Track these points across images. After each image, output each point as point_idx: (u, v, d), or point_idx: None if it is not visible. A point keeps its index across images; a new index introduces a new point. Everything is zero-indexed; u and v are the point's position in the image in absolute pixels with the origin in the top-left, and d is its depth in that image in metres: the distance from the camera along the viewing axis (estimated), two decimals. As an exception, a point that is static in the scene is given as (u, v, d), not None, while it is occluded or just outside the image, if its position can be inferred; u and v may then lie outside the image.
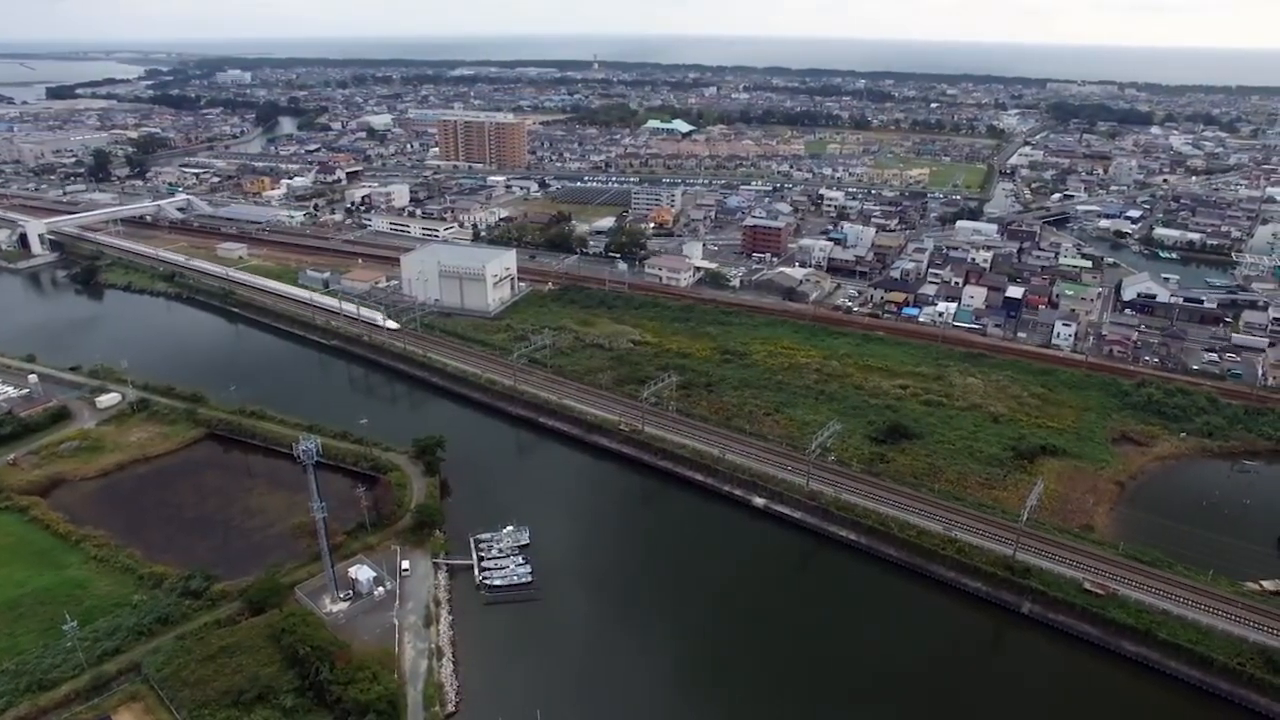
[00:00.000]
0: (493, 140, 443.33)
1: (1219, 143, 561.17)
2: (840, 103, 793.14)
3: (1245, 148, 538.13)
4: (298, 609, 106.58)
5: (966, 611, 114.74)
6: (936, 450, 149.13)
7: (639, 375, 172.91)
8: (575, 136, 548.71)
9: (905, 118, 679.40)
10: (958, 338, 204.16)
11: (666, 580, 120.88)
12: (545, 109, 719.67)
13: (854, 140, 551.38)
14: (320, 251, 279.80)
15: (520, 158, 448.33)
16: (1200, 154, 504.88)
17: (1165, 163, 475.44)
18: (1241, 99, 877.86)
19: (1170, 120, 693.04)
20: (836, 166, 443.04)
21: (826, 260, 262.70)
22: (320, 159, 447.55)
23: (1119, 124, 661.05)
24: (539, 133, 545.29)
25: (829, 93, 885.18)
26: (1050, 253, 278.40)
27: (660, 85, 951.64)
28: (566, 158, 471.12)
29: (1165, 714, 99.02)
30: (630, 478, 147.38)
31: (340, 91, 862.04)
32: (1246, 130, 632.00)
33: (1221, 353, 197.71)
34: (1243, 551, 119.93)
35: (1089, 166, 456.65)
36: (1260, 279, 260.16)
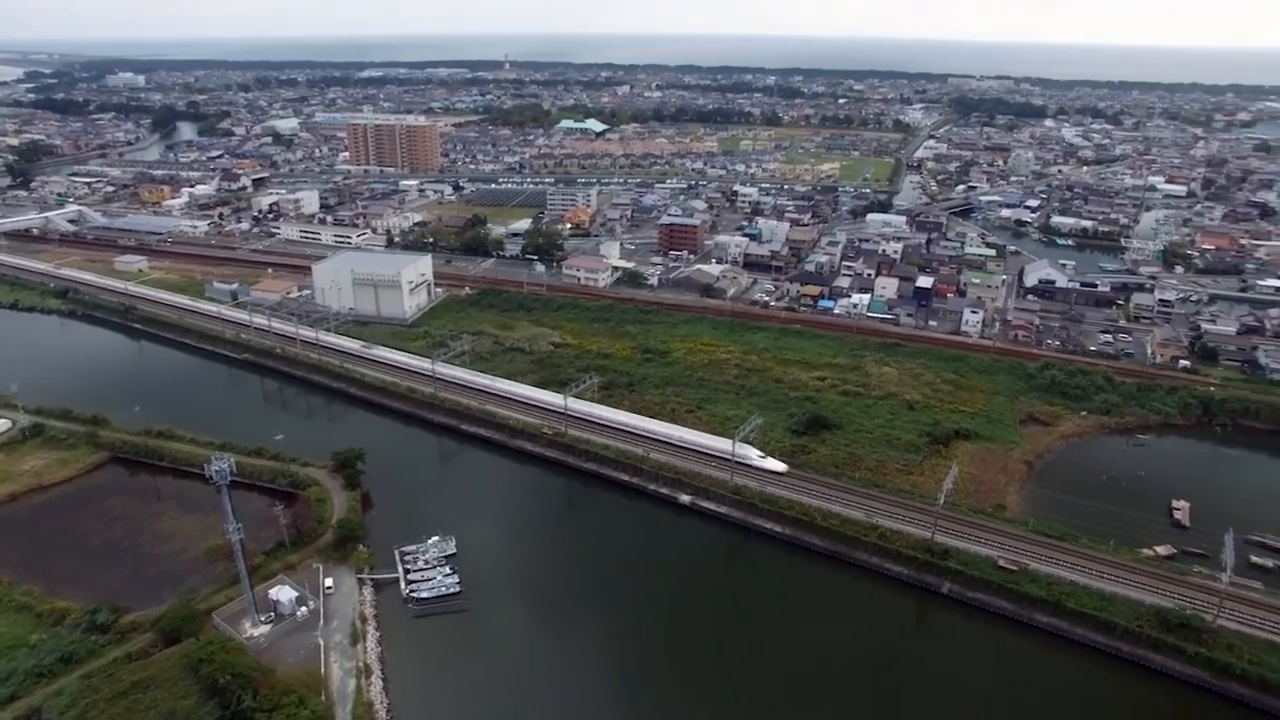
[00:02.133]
0: (404, 143, 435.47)
1: (1106, 134, 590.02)
2: (752, 99, 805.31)
3: (1129, 139, 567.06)
4: (216, 636, 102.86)
5: (890, 595, 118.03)
6: (856, 439, 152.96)
7: (560, 377, 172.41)
8: (488, 138, 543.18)
9: (815, 113, 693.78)
10: (872, 328, 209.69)
11: (597, 582, 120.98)
12: (457, 110, 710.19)
13: (766, 136, 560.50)
14: (227, 262, 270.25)
15: (433, 160, 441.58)
16: (1090, 145, 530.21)
17: (1059, 154, 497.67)
18: (1124, 93, 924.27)
19: (1062, 113, 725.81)
20: (750, 163, 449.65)
21: (743, 256, 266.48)
22: (223, 165, 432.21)
23: (1016, 117, 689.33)
24: (451, 135, 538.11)
25: (740, 90, 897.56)
26: (957, 243, 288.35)
27: (573, 84, 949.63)
28: (480, 160, 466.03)
29: (1075, 679, 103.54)
30: (556, 481, 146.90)
31: (243, 95, 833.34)
32: (1129, 123, 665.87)
33: (1115, 334, 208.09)
34: (1139, 521, 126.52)
35: (990, 158, 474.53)
36: (1147, 263, 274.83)
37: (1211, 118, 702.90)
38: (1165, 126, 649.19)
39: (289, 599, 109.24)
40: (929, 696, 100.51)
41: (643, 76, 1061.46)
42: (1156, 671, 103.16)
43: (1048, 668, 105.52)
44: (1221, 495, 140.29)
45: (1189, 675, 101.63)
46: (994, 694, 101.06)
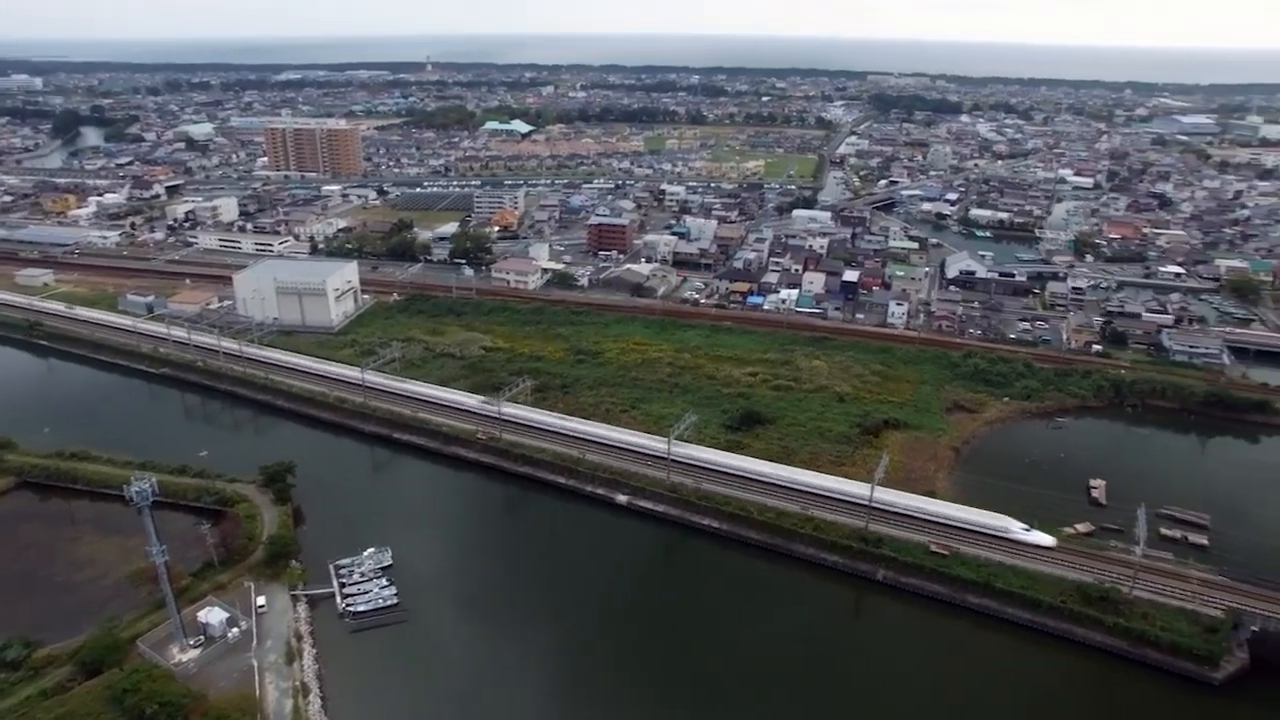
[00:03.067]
0: (325, 148, 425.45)
1: (1018, 129, 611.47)
2: (676, 98, 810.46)
3: (1039, 134, 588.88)
4: (141, 664, 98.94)
5: (827, 585, 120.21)
6: (789, 433, 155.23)
7: (493, 382, 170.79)
8: (412, 141, 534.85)
9: (739, 112, 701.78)
10: (801, 323, 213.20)
11: (537, 586, 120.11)
12: (379, 113, 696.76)
13: (691, 135, 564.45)
14: (142, 274, 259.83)
15: (356, 165, 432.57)
16: (1003, 140, 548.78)
17: (975, 148, 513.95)
18: (1033, 90, 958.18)
19: (976, 109, 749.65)
20: (676, 162, 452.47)
21: (672, 255, 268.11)
22: (134, 173, 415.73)
23: (933, 113, 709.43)
24: (374, 138, 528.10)
25: (665, 89, 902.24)
26: (880, 236, 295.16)
27: (497, 86, 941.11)
28: (404, 163, 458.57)
29: (1005, 656, 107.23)
30: (492, 486, 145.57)
31: (152, 99, 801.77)
32: (1039, 118, 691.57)
33: (1033, 321, 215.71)
34: (1060, 501, 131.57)
35: (910, 153, 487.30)
36: (1060, 252, 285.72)
37: (1113, 113, 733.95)
38: (1072, 121, 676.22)
39: (219, 620, 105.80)
40: (868, 682, 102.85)
41: (567, 76, 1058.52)
42: (1080, 643, 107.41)
43: (980, 647, 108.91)
44: (1134, 472, 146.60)
45: (1109, 645, 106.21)
46: (930, 676, 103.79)
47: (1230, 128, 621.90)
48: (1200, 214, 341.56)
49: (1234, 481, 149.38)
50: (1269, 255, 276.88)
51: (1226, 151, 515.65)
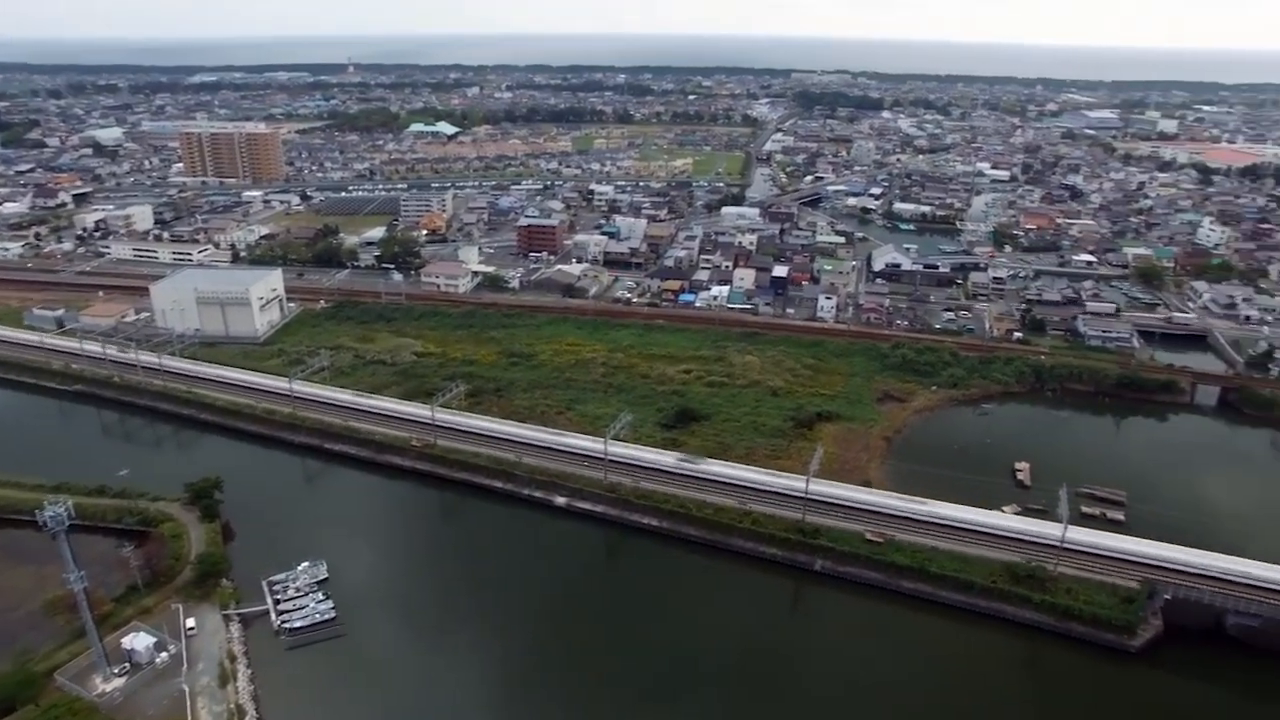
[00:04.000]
0: (245, 152, 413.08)
1: (937, 125, 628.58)
2: (603, 98, 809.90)
3: (958, 129, 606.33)
4: (61, 698, 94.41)
5: (767, 577, 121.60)
6: (724, 429, 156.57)
7: (426, 388, 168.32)
8: (335, 144, 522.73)
9: (666, 110, 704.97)
10: (733, 319, 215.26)
11: (477, 593, 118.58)
12: (300, 116, 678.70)
13: (619, 135, 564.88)
14: (49, 286, 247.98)
15: (277, 170, 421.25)
16: (924, 135, 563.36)
17: (897, 144, 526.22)
18: (950, 86, 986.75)
19: (897, 105, 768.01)
20: (604, 161, 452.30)
21: (602, 254, 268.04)
22: (36, 180, 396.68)
23: (856, 109, 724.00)
24: (295, 142, 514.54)
25: (591, 89, 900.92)
26: (808, 232, 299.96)
27: (421, 87, 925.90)
28: (328, 167, 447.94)
29: (941, 637, 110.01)
30: (428, 494, 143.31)
31: (54, 103, 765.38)
32: (957, 114, 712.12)
33: (957, 311, 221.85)
34: (988, 485, 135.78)
35: (834, 149, 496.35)
36: (980, 243, 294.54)
37: (1026, 108, 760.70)
38: (988, 116, 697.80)
39: (145, 646, 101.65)
40: (811, 670, 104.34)
41: (492, 77, 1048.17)
42: (1010, 621, 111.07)
43: (916, 630, 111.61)
44: (1056, 454, 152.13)
45: (1037, 621, 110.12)
46: (869, 661, 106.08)
47: (1132, 122, 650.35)
48: (1108, 204, 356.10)
49: (1146, 458, 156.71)
50: (1171, 243, 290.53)
51: (1129, 145, 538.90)
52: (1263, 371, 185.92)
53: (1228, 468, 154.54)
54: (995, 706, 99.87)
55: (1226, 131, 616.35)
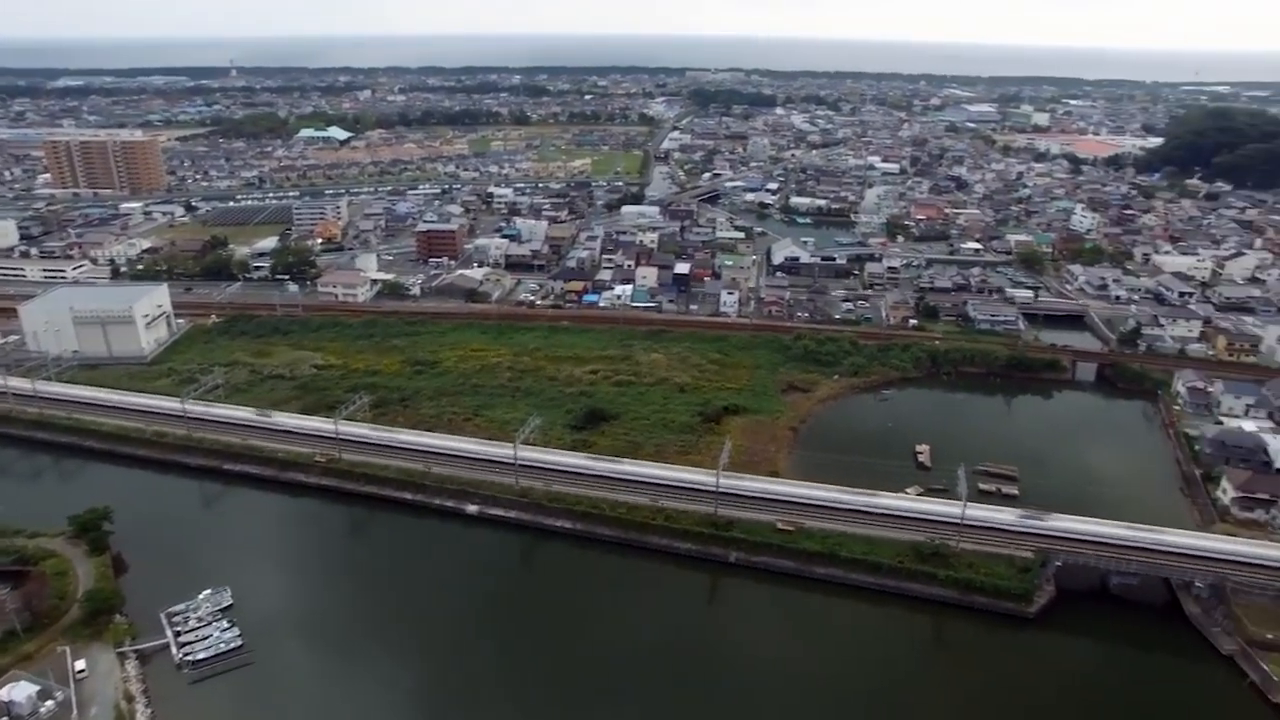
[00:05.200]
0: (121, 161, 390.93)
1: (829, 120, 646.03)
2: (499, 99, 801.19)
3: (848, 123, 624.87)
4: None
5: (683, 572, 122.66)
6: (634, 427, 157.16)
7: (328, 401, 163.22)
8: (220, 151, 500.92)
9: (563, 110, 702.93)
10: (637, 317, 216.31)
11: (391, 609, 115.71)
12: (180, 123, 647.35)
13: (516, 136, 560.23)
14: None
15: (158, 179, 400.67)
16: (816, 130, 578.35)
17: (791, 139, 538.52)
18: (840, 82, 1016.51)
19: (790, 102, 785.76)
20: (502, 163, 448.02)
21: (504, 258, 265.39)
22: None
23: (750, 106, 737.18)
24: (177, 150, 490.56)
25: (486, 90, 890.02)
26: (708, 228, 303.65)
27: (310, 91, 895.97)
28: (214, 176, 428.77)
29: (854, 618, 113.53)
30: (335, 510, 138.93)
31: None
32: (847, 109, 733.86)
33: (855, 301, 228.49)
34: (891, 468, 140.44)
35: (730, 146, 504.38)
36: (874, 234, 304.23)
37: (911, 103, 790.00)
38: (876, 111, 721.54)
39: (26, 696, 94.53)
40: (731, 661, 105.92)
41: (384, 80, 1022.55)
42: (918, 598, 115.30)
43: (830, 613, 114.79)
44: (953, 435, 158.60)
45: (943, 596, 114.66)
46: (786, 647, 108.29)
47: (1009, 116, 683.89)
48: (991, 194, 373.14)
49: (1035, 434, 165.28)
50: (1048, 229, 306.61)
51: (1007, 137, 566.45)
52: (1133, 347, 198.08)
53: (1106, 438, 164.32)
54: (908, 681, 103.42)
55: (1091, 124, 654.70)
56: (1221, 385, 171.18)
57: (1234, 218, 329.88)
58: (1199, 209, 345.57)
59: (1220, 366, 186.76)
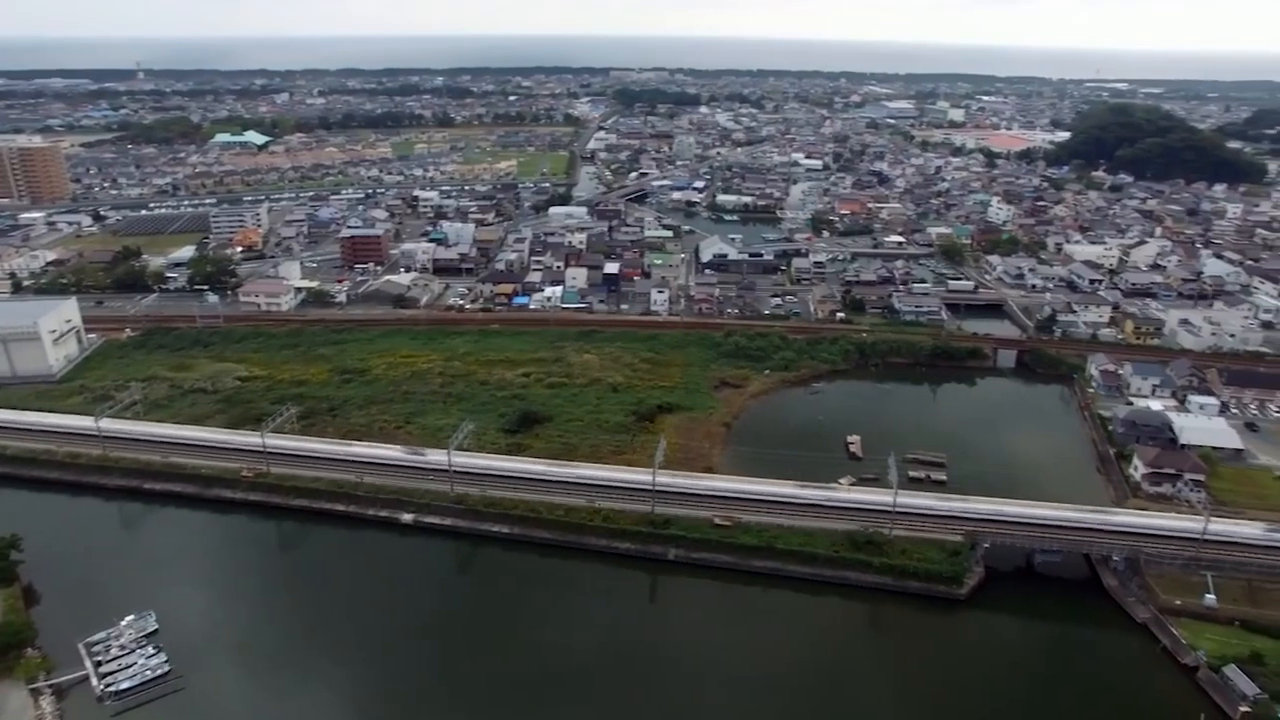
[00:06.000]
0: (19, 169, 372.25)
1: (752, 118, 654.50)
2: (421, 101, 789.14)
3: (772, 121, 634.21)
4: None
5: (623, 572, 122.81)
6: (568, 429, 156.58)
7: (254, 414, 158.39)
8: (130, 158, 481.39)
9: (487, 112, 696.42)
10: (568, 319, 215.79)
11: (326, 624, 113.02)
12: (84, 128, 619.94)
13: (440, 138, 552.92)
14: None
15: (61, 188, 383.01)
16: (740, 128, 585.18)
17: (716, 137, 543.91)
18: (763, 80, 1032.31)
19: (714, 100, 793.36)
20: (427, 166, 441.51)
21: (431, 262, 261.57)
22: None
23: (675, 105, 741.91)
24: (82, 156, 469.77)
25: (408, 92, 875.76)
26: (636, 228, 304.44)
27: (224, 94, 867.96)
28: (123, 184, 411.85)
29: (793, 609, 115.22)
30: (264, 526, 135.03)
31: None
32: (770, 107, 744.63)
33: (783, 296, 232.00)
34: (824, 460, 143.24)
35: (656, 145, 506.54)
36: (800, 230, 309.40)
37: (832, 100, 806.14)
38: (799, 109, 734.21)
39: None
40: (673, 658, 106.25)
41: (302, 82, 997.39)
42: (855, 586, 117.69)
43: (770, 605, 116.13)
44: (883, 425, 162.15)
45: (878, 583, 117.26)
46: (728, 641, 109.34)
47: (926, 112, 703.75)
48: (911, 188, 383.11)
49: (961, 421, 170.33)
50: (967, 221, 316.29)
51: (925, 133, 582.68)
52: (1049, 333, 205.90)
53: (1027, 422, 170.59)
54: (848, 667, 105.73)
55: (1004, 119, 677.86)
56: (1130, 367, 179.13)
57: (1136, 208, 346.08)
58: (1104, 200, 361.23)
59: (1129, 350, 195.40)
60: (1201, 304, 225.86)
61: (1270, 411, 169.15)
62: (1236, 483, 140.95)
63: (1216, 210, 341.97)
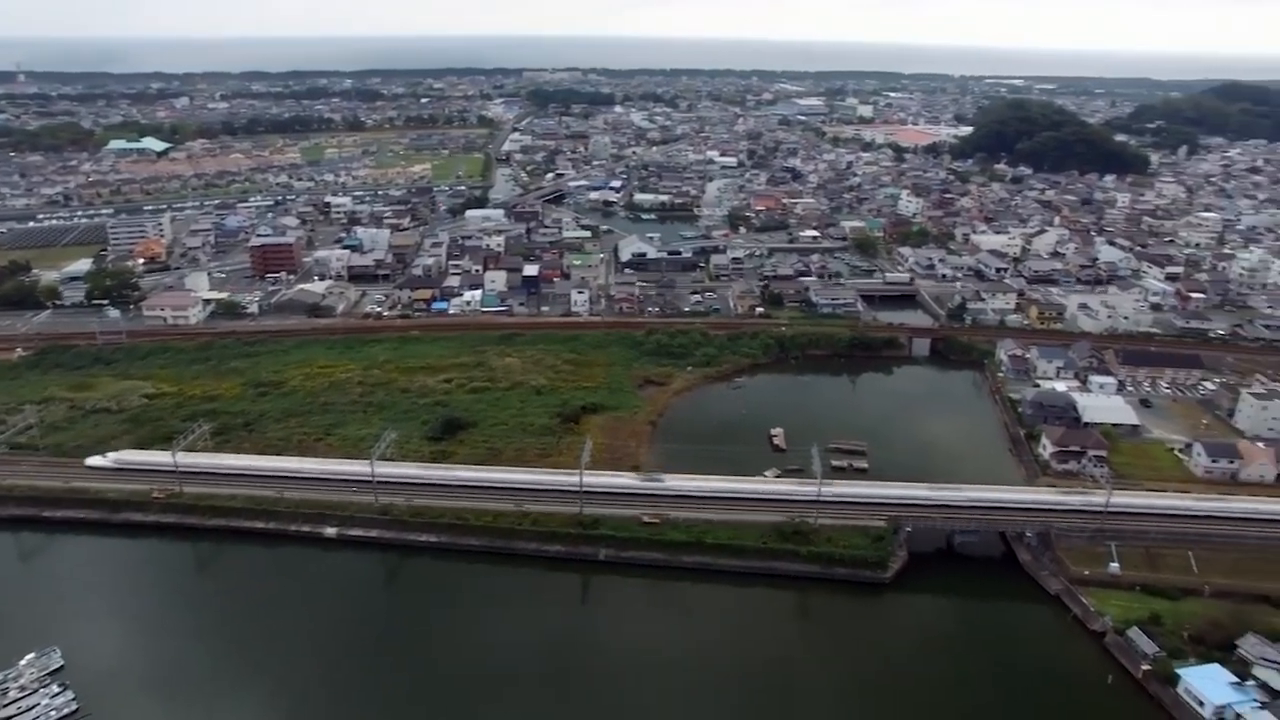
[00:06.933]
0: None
1: (667, 117, 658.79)
2: (330, 105, 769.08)
3: (686, 120, 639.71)
4: None
5: (554, 574, 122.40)
6: (493, 433, 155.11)
7: (164, 432, 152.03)
8: (13, 166, 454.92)
9: (399, 115, 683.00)
10: (488, 322, 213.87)
11: (250, 646, 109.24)
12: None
13: (351, 142, 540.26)
14: None
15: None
16: (655, 127, 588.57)
17: (631, 136, 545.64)
18: (676, 80, 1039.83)
19: (628, 100, 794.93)
20: (338, 171, 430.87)
21: (346, 269, 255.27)
22: None
23: (589, 105, 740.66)
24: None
25: (316, 95, 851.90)
26: (554, 229, 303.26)
27: (117, 98, 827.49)
28: (7, 194, 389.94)
29: (724, 602, 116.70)
30: (179, 548, 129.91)
31: None
32: (684, 105, 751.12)
33: (703, 293, 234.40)
34: (749, 454, 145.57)
35: (572, 146, 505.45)
36: (717, 227, 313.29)
37: (745, 98, 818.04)
38: (712, 107, 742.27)
39: None
40: (607, 658, 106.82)
41: (203, 86, 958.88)
42: (783, 576, 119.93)
43: (702, 600, 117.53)
44: (805, 416, 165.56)
45: (807, 572, 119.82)
46: (662, 637, 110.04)
47: (836, 108, 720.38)
48: (824, 183, 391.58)
49: (880, 409, 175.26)
50: (878, 214, 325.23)
51: (836, 129, 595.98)
52: (960, 321, 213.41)
53: (943, 408, 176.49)
54: (779, 655, 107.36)
55: (910, 115, 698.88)
56: (1036, 351, 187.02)
57: (1035, 198, 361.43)
58: (1007, 191, 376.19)
59: (1034, 334, 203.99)
60: (1098, 289, 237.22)
61: (1161, 388, 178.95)
62: (1134, 456, 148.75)
63: (1108, 200, 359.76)
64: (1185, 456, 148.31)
